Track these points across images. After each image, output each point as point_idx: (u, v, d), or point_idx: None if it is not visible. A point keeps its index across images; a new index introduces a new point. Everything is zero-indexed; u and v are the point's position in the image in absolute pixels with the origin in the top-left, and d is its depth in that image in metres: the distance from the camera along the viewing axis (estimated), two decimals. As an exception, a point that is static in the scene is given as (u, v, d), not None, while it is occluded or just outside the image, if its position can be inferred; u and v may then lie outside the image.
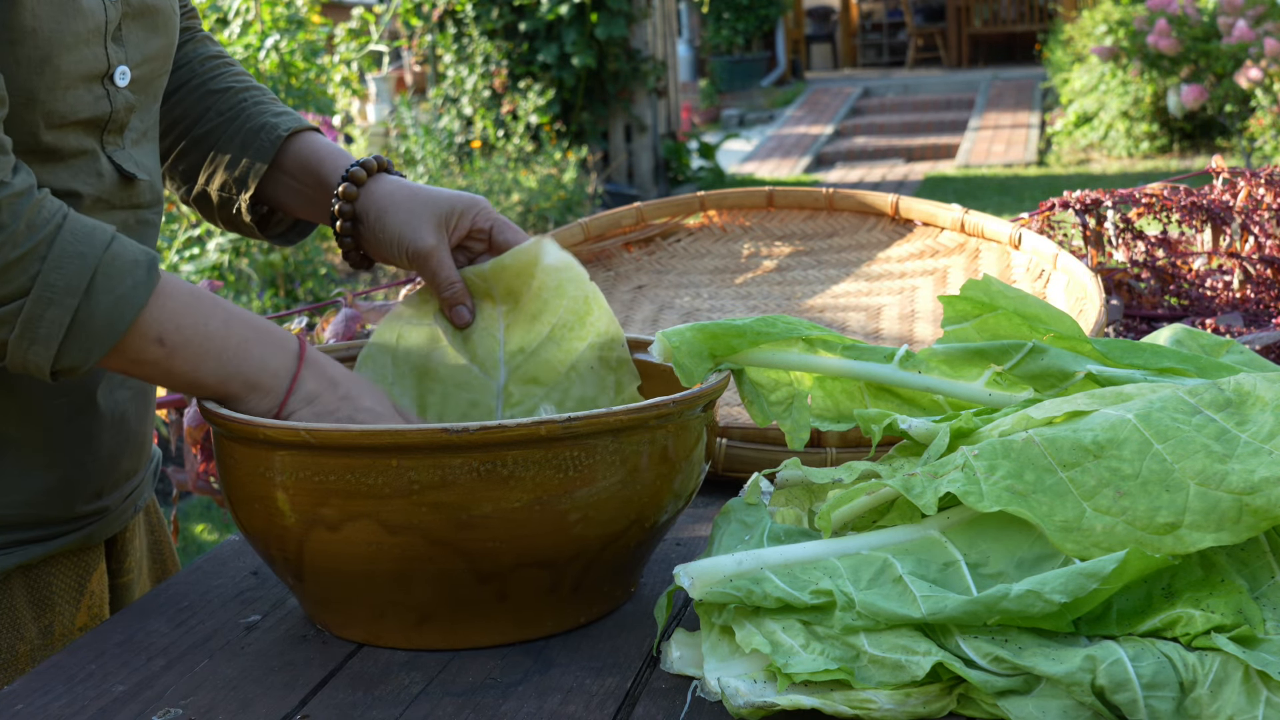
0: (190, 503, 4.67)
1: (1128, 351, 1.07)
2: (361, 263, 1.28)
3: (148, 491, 1.34)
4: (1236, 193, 1.93)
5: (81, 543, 1.23)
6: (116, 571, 1.31)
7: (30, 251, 0.98)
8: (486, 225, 1.23)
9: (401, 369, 1.22)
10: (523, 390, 1.21)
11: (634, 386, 1.21)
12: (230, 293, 5.42)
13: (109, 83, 1.12)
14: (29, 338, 0.99)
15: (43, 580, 1.21)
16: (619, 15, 10.57)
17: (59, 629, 1.22)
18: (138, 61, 1.15)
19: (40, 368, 1.00)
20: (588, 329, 1.20)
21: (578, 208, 9.34)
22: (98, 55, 1.09)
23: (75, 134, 1.10)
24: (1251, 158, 9.74)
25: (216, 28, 6.37)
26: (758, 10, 17.19)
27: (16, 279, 0.98)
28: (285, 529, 1.00)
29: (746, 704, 0.87)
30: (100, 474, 1.22)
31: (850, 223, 1.78)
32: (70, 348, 1.00)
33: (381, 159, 1.26)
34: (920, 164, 12.92)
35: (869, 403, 1.10)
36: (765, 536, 0.98)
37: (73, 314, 0.99)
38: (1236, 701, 0.81)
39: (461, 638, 1.03)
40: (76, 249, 0.99)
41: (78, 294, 0.99)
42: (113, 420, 1.22)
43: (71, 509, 1.20)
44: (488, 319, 1.23)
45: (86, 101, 1.10)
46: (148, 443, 1.31)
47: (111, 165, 1.14)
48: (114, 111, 1.13)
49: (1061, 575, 0.87)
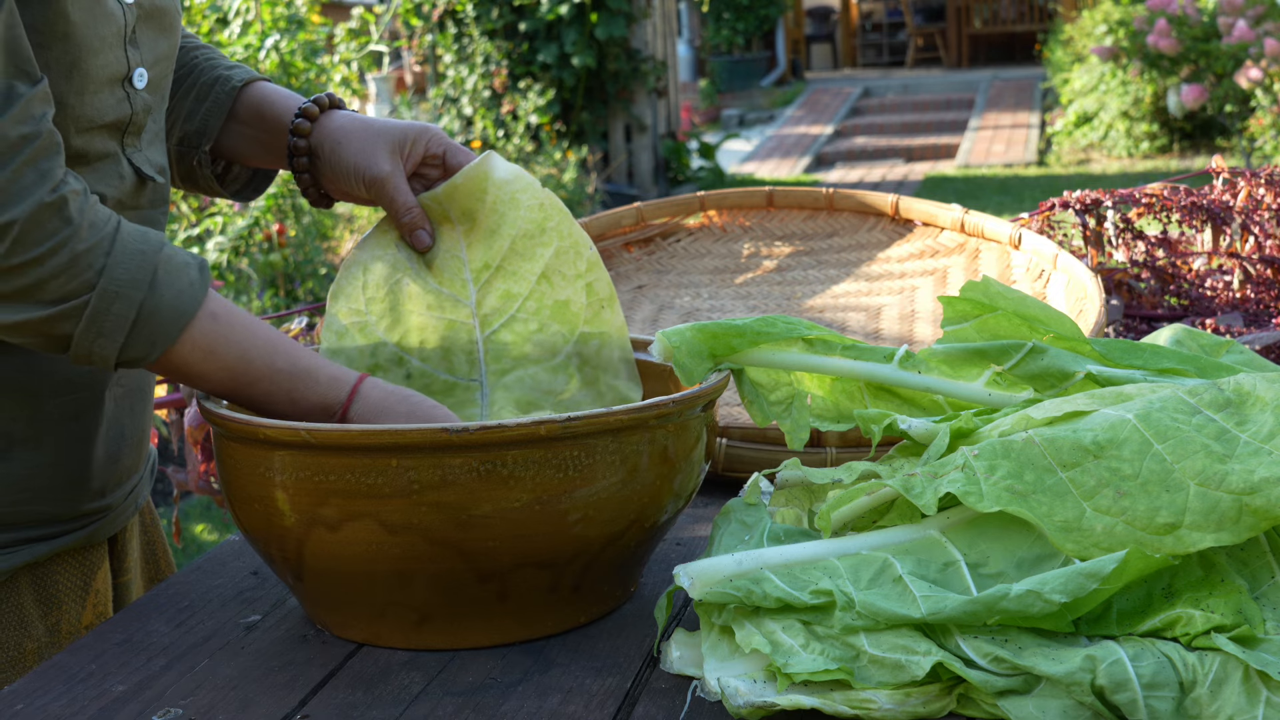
0: (190, 503, 4.67)
1: (1128, 352, 1.07)
2: (320, 200, 1.29)
3: (146, 489, 1.35)
4: (1236, 193, 1.93)
5: (85, 541, 1.23)
6: (117, 571, 1.32)
7: (94, 247, 1.01)
8: (439, 150, 1.24)
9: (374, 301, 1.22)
10: (498, 304, 1.21)
11: (608, 289, 1.21)
12: (230, 293, 5.42)
13: (129, 85, 1.13)
14: (95, 330, 1.02)
15: (49, 578, 1.21)
16: (619, 15, 10.57)
17: (65, 627, 1.22)
18: (151, 63, 1.16)
19: (105, 359, 1.03)
20: (549, 235, 1.21)
21: (578, 208, 9.34)
22: (119, 58, 1.11)
23: (101, 137, 1.12)
24: (1251, 158, 9.74)
25: (217, 28, 6.36)
26: (758, 10, 17.18)
27: (83, 274, 1.01)
28: (285, 529, 1.00)
29: (746, 704, 0.87)
30: (103, 471, 1.23)
31: (850, 223, 1.78)
32: (136, 340, 1.03)
33: (333, 96, 1.27)
34: (920, 164, 12.92)
35: (869, 403, 1.10)
36: (765, 536, 0.98)
37: (138, 308, 1.02)
38: (1236, 701, 0.81)
39: (461, 638, 1.03)
40: (137, 247, 1.03)
41: (143, 288, 1.02)
42: (115, 418, 1.23)
43: (76, 507, 1.21)
44: (449, 241, 1.23)
45: (110, 105, 1.11)
46: (146, 439, 1.32)
47: (131, 167, 1.16)
48: (134, 114, 1.14)
49: (1061, 575, 0.87)
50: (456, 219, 1.22)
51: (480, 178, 1.21)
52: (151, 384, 1.31)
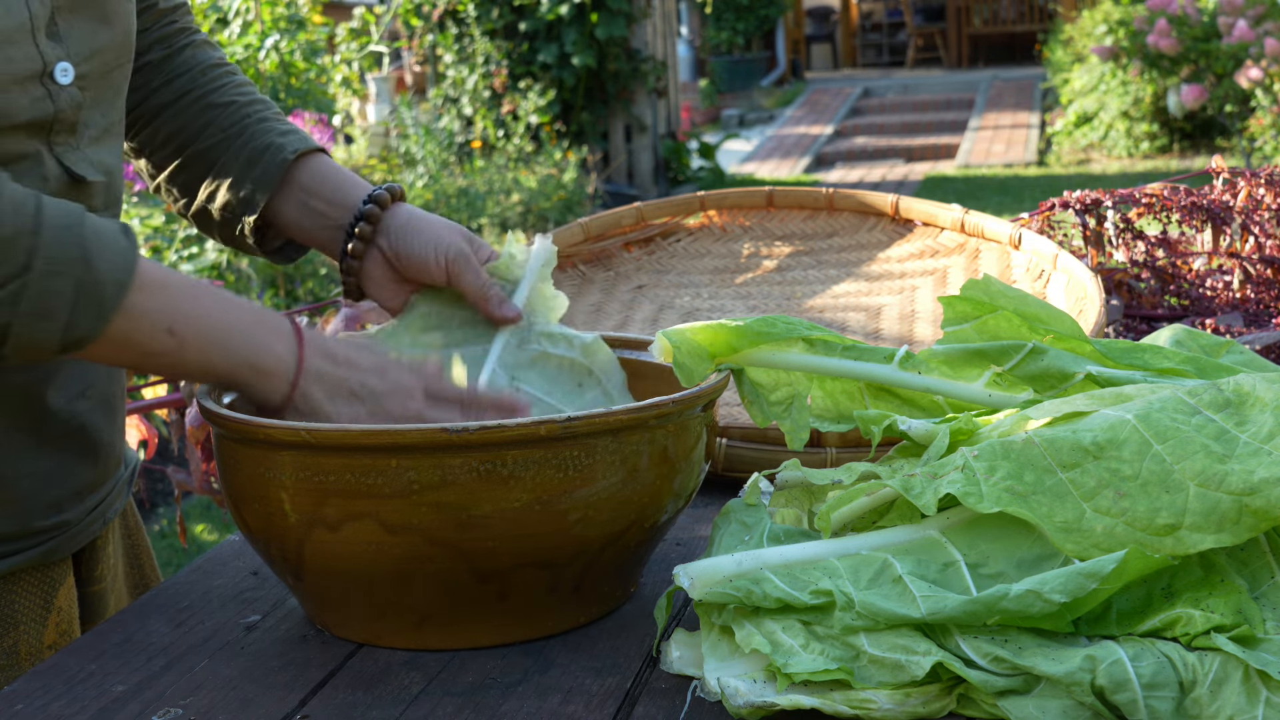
0: (190, 503, 4.67)
1: (1128, 352, 1.07)
2: (356, 291, 1.27)
3: (119, 502, 1.29)
4: (1236, 193, 1.93)
5: (43, 558, 1.18)
6: (86, 580, 1.27)
7: (21, 228, 0.95)
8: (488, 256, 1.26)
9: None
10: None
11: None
12: (230, 293, 5.41)
13: (49, 81, 1.08)
14: (36, 314, 0.96)
15: (4, 599, 1.16)
16: (619, 15, 10.57)
17: (24, 649, 1.17)
18: (85, 56, 1.11)
19: (49, 343, 0.98)
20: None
21: (578, 208, 9.34)
22: (29, 54, 1.05)
23: (16, 138, 1.07)
24: (1251, 158, 9.74)
25: (216, 28, 6.36)
26: (758, 10, 17.19)
27: (15, 256, 0.95)
28: (285, 529, 1.00)
29: (746, 704, 0.87)
30: (56, 487, 1.18)
31: (850, 223, 1.78)
32: (80, 317, 0.98)
33: (394, 187, 1.27)
34: (920, 164, 12.92)
35: (869, 403, 1.10)
36: (765, 537, 0.98)
37: (76, 282, 0.97)
38: (1236, 701, 0.81)
39: (461, 638, 1.03)
40: (63, 221, 0.98)
41: (78, 262, 0.97)
42: (67, 430, 1.18)
43: (27, 524, 1.16)
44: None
45: (23, 104, 1.06)
46: (115, 452, 1.27)
47: (60, 168, 1.11)
48: (59, 111, 1.09)
49: (1061, 575, 0.87)
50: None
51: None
52: (122, 393, 1.27)
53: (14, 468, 1.14)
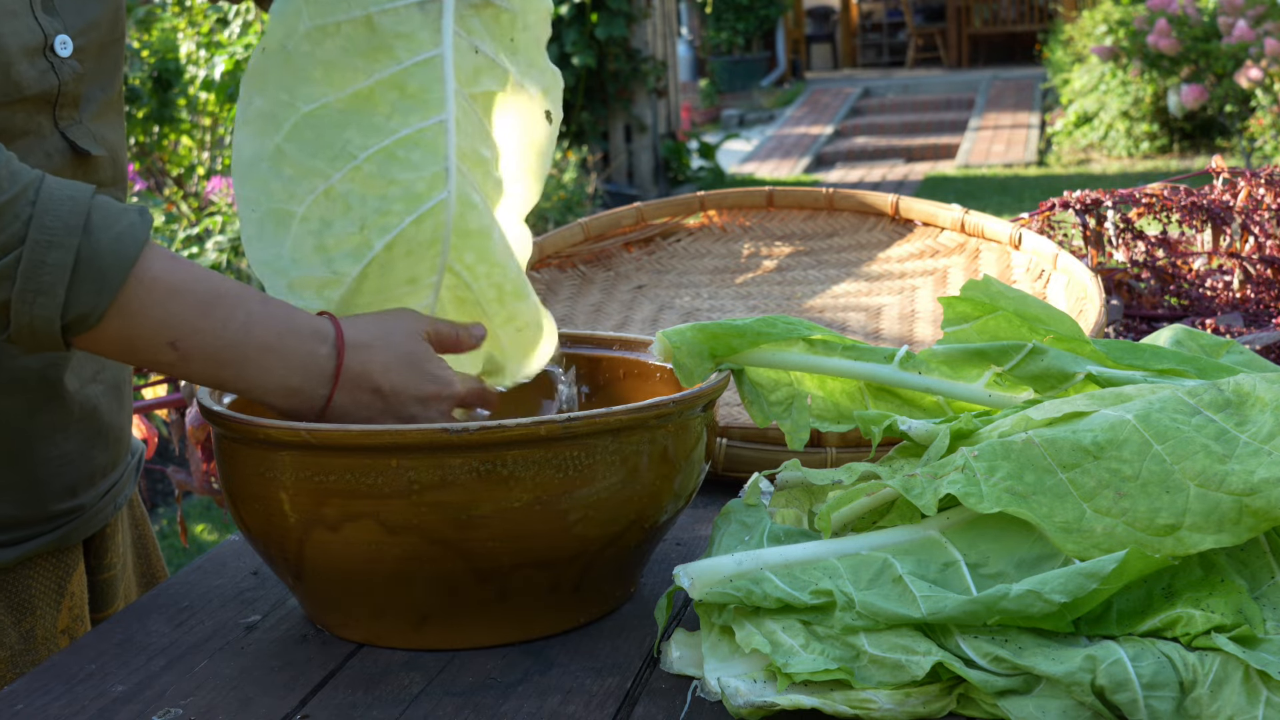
0: (190, 502, 4.67)
1: (1128, 352, 1.08)
2: None
3: (129, 487, 1.31)
4: (1236, 193, 1.93)
5: (58, 543, 1.20)
6: (97, 568, 1.28)
7: (18, 195, 0.93)
8: None
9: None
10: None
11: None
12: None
13: (51, 54, 1.08)
14: (33, 288, 0.93)
15: (20, 584, 1.18)
16: (619, 15, 10.57)
17: (40, 633, 1.19)
18: (80, 29, 1.12)
19: (49, 322, 0.94)
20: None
21: (578, 208, 9.33)
22: (30, 27, 1.06)
23: (24, 111, 1.07)
24: (1251, 158, 9.74)
25: (217, 28, 6.36)
26: (758, 10, 17.18)
27: (9, 226, 0.92)
28: (285, 529, 1.00)
29: (746, 704, 0.87)
30: (72, 470, 1.19)
31: (850, 223, 1.78)
32: (79, 292, 0.94)
33: None
34: (920, 164, 12.91)
35: (869, 403, 1.10)
36: (765, 537, 0.98)
37: (75, 254, 0.93)
38: (1236, 701, 0.81)
39: (461, 638, 1.03)
40: (65, 193, 0.95)
41: (77, 232, 0.93)
42: (82, 414, 1.18)
43: (45, 508, 1.17)
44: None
45: (32, 76, 1.07)
46: (125, 436, 1.27)
47: (65, 142, 1.11)
48: (62, 83, 1.09)
49: (1061, 575, 0.87)
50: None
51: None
52: (129, 378, 1.28)
53: (35, 451, 1.15)
